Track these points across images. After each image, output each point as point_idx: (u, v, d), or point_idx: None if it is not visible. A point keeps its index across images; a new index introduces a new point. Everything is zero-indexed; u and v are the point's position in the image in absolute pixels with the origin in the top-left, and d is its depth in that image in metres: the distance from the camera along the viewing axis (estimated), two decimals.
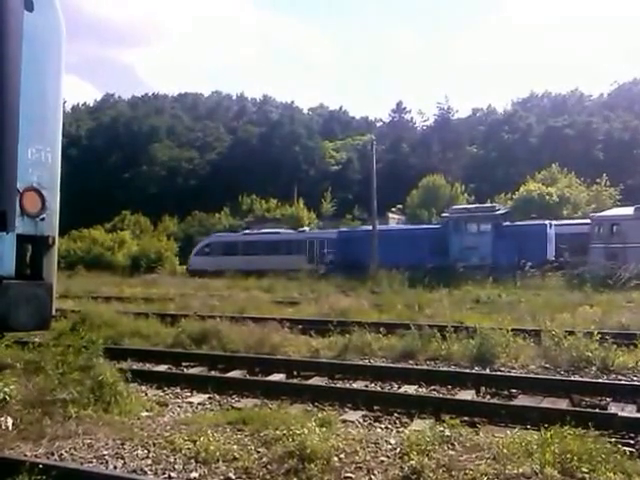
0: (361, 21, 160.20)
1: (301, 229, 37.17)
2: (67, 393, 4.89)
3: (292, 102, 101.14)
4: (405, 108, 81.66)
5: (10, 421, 4.57)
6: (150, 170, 76.50)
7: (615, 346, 7.28)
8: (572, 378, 6.70)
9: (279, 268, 27.29)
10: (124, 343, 9.27)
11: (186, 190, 69.55)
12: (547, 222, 24.85)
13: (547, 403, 5.66)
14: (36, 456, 4.03)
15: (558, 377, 6.78)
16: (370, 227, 26.84)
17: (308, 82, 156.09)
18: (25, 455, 4.02)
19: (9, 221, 3.78)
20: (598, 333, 7.40)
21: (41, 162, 4.06)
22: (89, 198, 61.43)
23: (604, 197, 39.47)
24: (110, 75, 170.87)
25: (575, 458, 3.55)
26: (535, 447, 3.76)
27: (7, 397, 4.85)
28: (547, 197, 37.15)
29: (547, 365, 7.31)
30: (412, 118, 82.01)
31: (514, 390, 6.23)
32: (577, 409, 5.41)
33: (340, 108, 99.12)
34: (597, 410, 5.44)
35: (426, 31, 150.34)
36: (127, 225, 53.70)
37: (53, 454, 4.13)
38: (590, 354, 7.10)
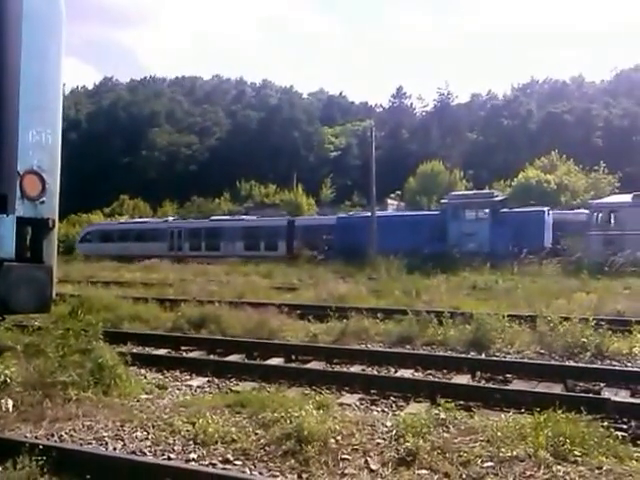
0: (363, 2, 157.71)
1: (165, 219, 39.11)
2: (67, 375, 4.91)
3: (291, 87, 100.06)
4: (405, 93, 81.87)
5: (11, 403, 4.60)
6: (149, 155, 76.66)
7: (610, 332, 7.32)
8: (567, 363, 6.75)
9: (145, 254, 29.72)
10: (123, 327, 9.28)
11: (185, 175, 69.76)
12: (545, 209, 24.92)
13: (541, 388, 5.71)
14: (36, 437, 4.06)
15: (553, 362, 6.83)
16: (369, 213, 26.86)
17: (308, 66, 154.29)
18: (25, 436, 4.05)
19: (9, 204, 3.77)
20: (593, 319, 7.42)
21: (41, 144, 4.02)
22: (88, 182, 61.68)
23: (602, 184, 39.38)
24: (109, 58, 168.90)
25: (568, 441, 3.56)
26: (529, 430, 3.79)
27: (8, 379, 4.87)
28: (545, 184, 37.19)
29: (542, 350, 7.36)
30: (412, 104, 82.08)
31: (509, 375, 6.28)
32: (571, 394, 5.45)
33: (340, 93, 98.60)
34: (590, 395, 5.46)
35: (429, 13, 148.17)
36: (126, 210, 53.89)
37: (53, 435, 4.16)
38: (585, 340, 7.13)
